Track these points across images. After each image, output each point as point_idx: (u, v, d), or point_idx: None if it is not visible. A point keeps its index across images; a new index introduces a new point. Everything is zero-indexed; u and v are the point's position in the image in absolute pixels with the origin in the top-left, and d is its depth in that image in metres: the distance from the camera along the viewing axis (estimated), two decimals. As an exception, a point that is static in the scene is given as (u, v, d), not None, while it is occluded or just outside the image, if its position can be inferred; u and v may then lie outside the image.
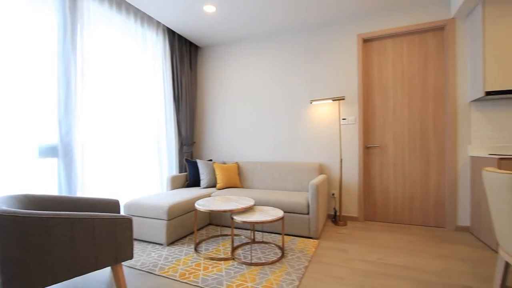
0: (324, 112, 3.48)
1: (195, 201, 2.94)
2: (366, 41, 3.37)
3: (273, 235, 2.83)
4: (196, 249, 2.43)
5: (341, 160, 3.22)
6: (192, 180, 3.60)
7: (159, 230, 2.55)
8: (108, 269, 2.11)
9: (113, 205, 2.08)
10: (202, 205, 2.32)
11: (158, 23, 3.49)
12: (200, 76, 4.31)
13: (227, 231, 2.98)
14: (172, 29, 3.65)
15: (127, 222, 1.70)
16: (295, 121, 3.64)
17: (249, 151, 3.93)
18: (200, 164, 3.58)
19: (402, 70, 3.21)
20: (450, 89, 2.95)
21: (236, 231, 2.95)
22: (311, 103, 3.25)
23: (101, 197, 2.06)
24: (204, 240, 2.70)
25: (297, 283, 1.84)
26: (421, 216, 3.15)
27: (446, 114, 3.02)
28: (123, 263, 2.12)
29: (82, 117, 2.48)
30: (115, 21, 2.88)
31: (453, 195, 2.95)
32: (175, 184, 3.49)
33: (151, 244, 2.58)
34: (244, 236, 2.80)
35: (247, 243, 2.59)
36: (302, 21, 3.43)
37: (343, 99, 3.09)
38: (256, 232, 2.91)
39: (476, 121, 2.85)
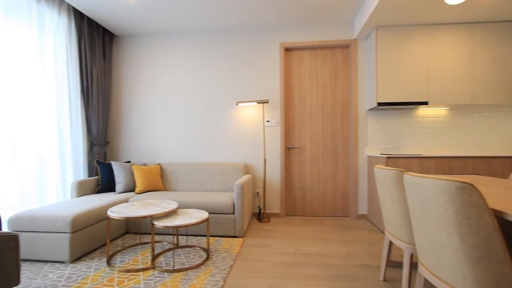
0: (250, 114, 3.60)
1: (108, 208, 2.60)
2: (287, 50, 3.65)
3: (199, 237, 2.75)
4: (109, 263, 2.15)
5: (265, 160, 3.39)
6: (105, 185, 3.18)
7: (60, 246, 2.15)
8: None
9: (-9, 221, 1.64)
10: (116, 212, 2.07)
11: (61, 0, 2.96)
12: (116, 68, 3.85)
13: (148, 238, 2.75)
14: (81, 10, 3.15)
15: (11, 241, 1.37)
16: (222, 122, 3.65)
17: (173, 151, 3.72)
18: (116, 166, 3.20)
19: (317, 80, 3.61)
20: (353, 99, 3.47)
21: (158, 238, 2.74)
22: (237, 104, 3.32)
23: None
24: (119, 251, 2.41)
25: (221, 283, 1.84)
26: (331, 208, 3.59)
27: (350, 120, 3.54)
28: (5, 292, 1.69)
29: None
30: (-3, -11, 2.29)
31: (355, 189, 3.47)
32: (83, 190, 3.01)
33: (49, 264, 2.15)
34: (167, 242, 2.63)
35: (169, 249, 2.44)
36: (228, 22, 3.47)
37: (267, 102, 3.26)
38: (180, 237, 2.77)
39: (371, 126, 3.44)
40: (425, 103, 3.07)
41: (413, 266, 2.08)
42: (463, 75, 3.05)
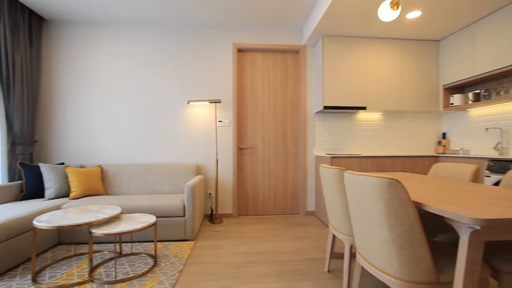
0: (202, 113, 3.52)
1: (35, 217, 2.27)
2: (240, 50, 3.67)
3: (146, 244, 2.58)
4: (34, 280, 1.87)
5: (217, 161, 3.35)
6: (32, 191, 2.76)
7: (-32, 265, 1.80)
8: None
9: None
10: (45, 221, 1.82)
11: (-27, -28, 2.48)
12: (47, 57, 3.38)
13: (85, 249, 2.48)
14: (-1, -13, 2.69)
15: None
16: (172, 121, 3.49)
17: (117, 152, 3.43)
18: (45, 168, 2.81)
19: (269, 82, 3.71)
20: (302, 101, 3.66)
21: (98, 247, 2.49)
22: (188, 103, 3.21)
23: None
24: (48, 265, 2.12)
25: (170, 290, 1.75)
26: (282, 206, 3.73)
27: (300, 121, 3.72)
28: None
29: None
30: None
31: (303, 187, 3.66)
32: (2, 197, 2.57)
33: (-49, 288, 1.78)
34: (108, 251, 2.41)
35: (111, 259, 2.24)
36: (180, 17, 3.34)
37: (220, 102, 3.23)
38: (125, 244, 2.57)
39: (318, 128, 3.67)
40: (364, 108, 3.40)
41: (353, 256, 2.28)
42: (394, 85, 3.47)
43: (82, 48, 3.41)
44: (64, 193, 2.85)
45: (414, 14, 2.87)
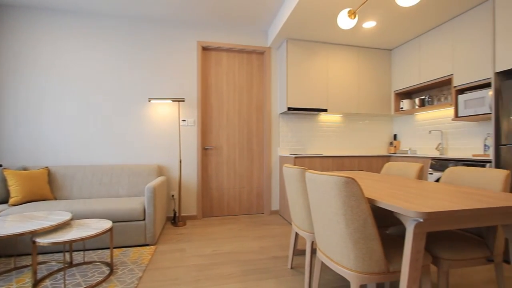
0: (164, 112, 3.39)
1: (-36, 228, 1.98)
2: (205, 49, 3.61)
3: (100, 251, 2.40)
4: (-38, 300, 1.63)
5: (180, 161, 3.25)
6: (-40, 197, 2.40)
7: None
8: None
9: None
10: (-24, 232, 1.59)
11: None
12: (-19, 44, 2.97)
13: (28, 260, 2.22)
14: None
15: None
16: (132, 119, 3.30)
17: (67, 152, 3.13)
18: (-22, 172, 2.46)
19: (234, 82, 3.70)
20: (267, 103, 3.72)
21: (45, 257, 2.25)
22: (149, 101, 3.06)
23: None
24: (-19, 282, 1.86)
25: (127, 299, 1.65)
26: (247, 206, 3.74)
27: (264, 122, 3.77)
28: None
29: None
30: None
31: (268, 187, 3.72)
32: None
33: None
34: (56, 261, 2.19)
35: (60, 270, 2.04)
36: (142, 11, 3.17)
37: (183, 100, 3.13)
38: (76, 253, 2.36)
39: (282, 128, 3.76)
40: (325, 110, 3.57)
41: (314, 252, 2.37)
42: (352, 89, 3.70)
43: (29, 35, 3.05)
44: (2, 199, 2.53)
45: (369, 24, 3.08)
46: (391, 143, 4.12)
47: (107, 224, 1.99)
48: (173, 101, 3.12)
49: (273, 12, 3.22)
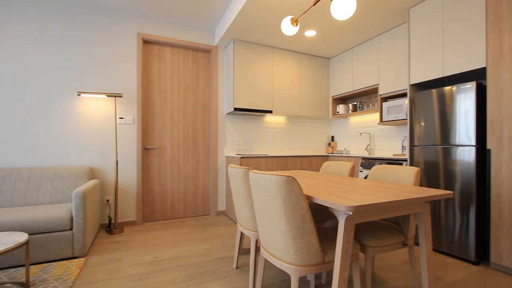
0: (98, 108, 3.05)
1: None
2: (147, 42, 3.38)
3: (13, 270, 2.03)
4: None
5: (117, 162, 2.97)
6: None
7: None
8: None
9: None
10: None
11: None
12: None
13: None
14: None
15: None
16: (59, 116, 2.88)
17: (-33, 154, 2.57)
18: None
19: (179, 79, 3.55)
20: (214, 102, 3.67)
21: None
22: (79, 95, 2.72)
23: None
24: None
25: (47, 322, 1.43)
26: (193, 208, 3.63)
27: (211, 121, 3.71)
28: None
29: None
30: None
31: (214, 187, 3.67)
32: None
33: None
34: None
35: (-47, 298, 1.66)
36: (69, -7, 2.80)
37: (121, 96, 2.87)
38: (-24, 275, 1.94)
39: (229, 129, 3.76)
40: (270, 112, 3.69)
41: (258, 250, 2.43)
42: (295, 93, 3.91)
43: None
44: None
45: (310, 33, 3.30)
46: (329, 144, 4.48)
47: (20, 237, 1.69)
48: (108, 96, 2.84)
49: (220, 12, 3.20)
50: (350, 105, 3.91)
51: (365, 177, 3.15)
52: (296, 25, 2.12)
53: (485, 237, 2.25)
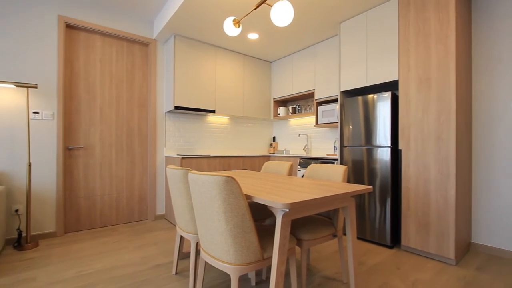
0: (4, 101, 2.55)
1: None
2: (70, 27, 2.96)
3: None
4: None
5: (29, 165, 2.52)
6: None
7: None
8: None
9: None
10: None
11: None
12: None
13: None
14: None
15: None
16: None
17: None
18: None
19: (111, 72, 3.22)
20: (152, 99, 3.44)
21: None
22: (-23, 83, 2.22)
23: None
24: None
25: None
26: (127, 213, 3.32)
27: (149, 120, 3.47)
28: None
29: None
30: None
31: (153, 190, 3.44)
32: None
33: None
34: None
35: None
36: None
37: (36, 87, 2.45)
38: None
39: (169, 128, 3.57)
40: (213, 111, 3.64)
41: (199, 253, 2.36)
42: (239, 93, 3.94)
43: None
44: None
45: (253, 36, 3.38)
46: (270, 144, 4.65)
47: None
48: (17, 86, 2.38)
49: (159, 2, 3.01)
50: (290, 108, 4.14)
51: (302, 176, 3.37)
52: (239, 26, 2.14)
53: (398, 225, 2.64)
